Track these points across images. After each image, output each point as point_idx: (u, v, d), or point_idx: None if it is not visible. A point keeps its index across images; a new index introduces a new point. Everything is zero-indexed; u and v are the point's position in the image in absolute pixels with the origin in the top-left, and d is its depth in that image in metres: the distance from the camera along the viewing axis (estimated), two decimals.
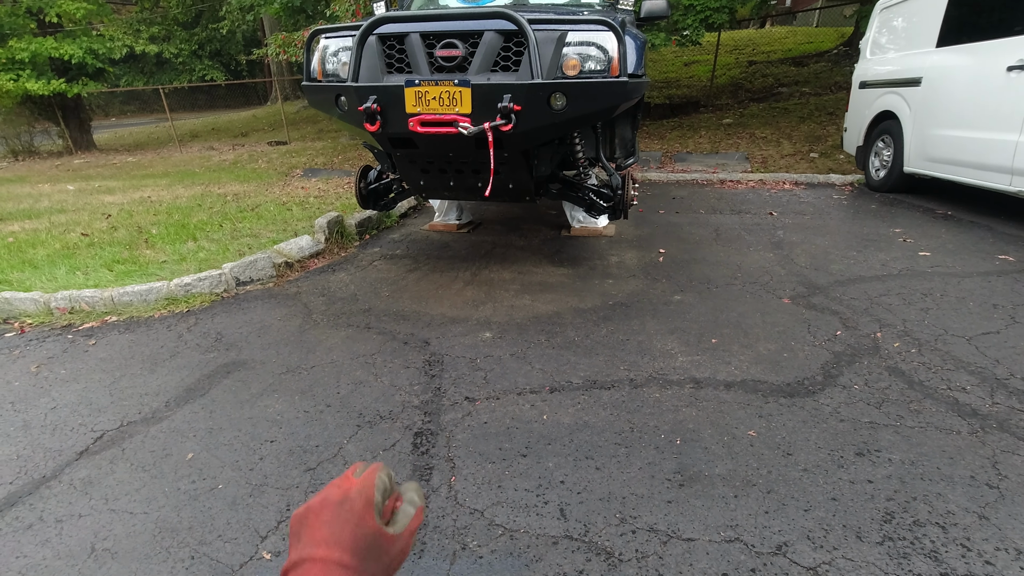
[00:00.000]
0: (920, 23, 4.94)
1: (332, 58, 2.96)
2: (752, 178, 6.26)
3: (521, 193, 3.21)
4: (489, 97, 2.55)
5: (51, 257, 4.03)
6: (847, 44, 12.75)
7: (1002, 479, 1.67)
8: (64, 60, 11.58)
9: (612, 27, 2.57)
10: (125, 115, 27.26)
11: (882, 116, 5.37)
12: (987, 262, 3.41)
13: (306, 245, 3.99)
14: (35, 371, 2.61)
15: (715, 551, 1.47)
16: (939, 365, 2.30)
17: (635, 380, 2.30)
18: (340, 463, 1.87)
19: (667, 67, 14.61)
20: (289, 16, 10.32)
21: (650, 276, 3.44)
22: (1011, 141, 3.81)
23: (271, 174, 8.01)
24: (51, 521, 1.68)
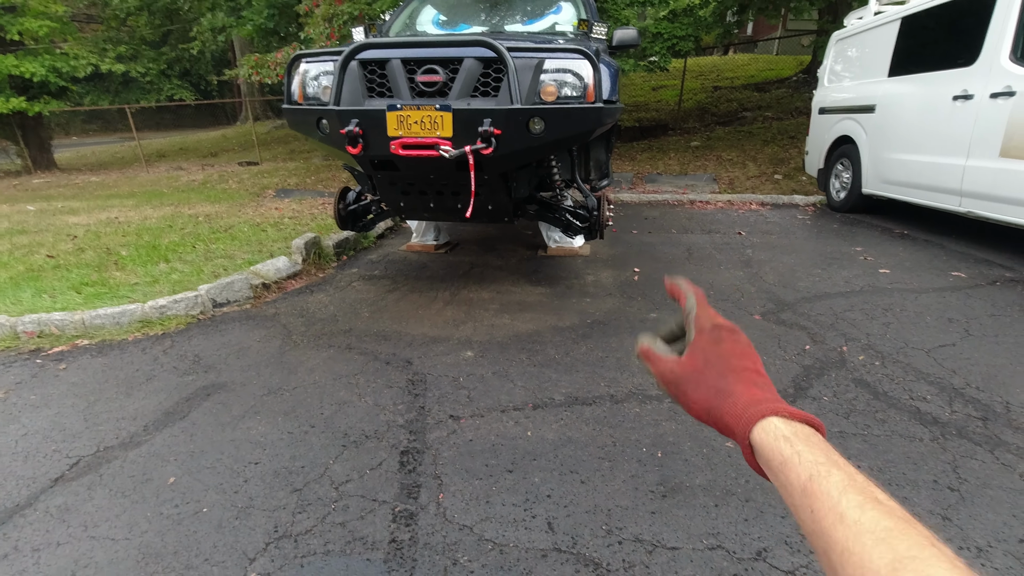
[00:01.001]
0: (873, 54, 5.25)
1: (313, 82, 3.00)
2: (720, 199, 6.48)
3: (500, 214, 3.28)
4: (469, 121, 2.62)
5: (15, 279, 3.92)
6: (806, 71, 13.36)
7: (962, 482, 1.77)
8: (25, 78, 11.32)
9: (587, 55, 2.68)
10: (87, 134, 26.63)
11: (840, 140, 5.65)
12: (941, 278, 3.61)
13: (283, 266, 3.97)
14: (3, 397, 2.53)
15: (699, 559, 1.52)
16: (901, 376, 2.42)
17: (615, 396, 2.36)
18: (327, 483, 1.87)
19: (636, 91, 15.05)
20: (262, 38, 10.34)
21: (626, 294, 3.53)
22: (959, 165, 4.06)
23: (243, 195, 7.93)
24: (27, 551, 1.63)
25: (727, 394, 0.47)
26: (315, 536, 1.64)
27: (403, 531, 1.65)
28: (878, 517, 0.34)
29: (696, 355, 0.51)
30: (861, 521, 0.34)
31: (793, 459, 0.40)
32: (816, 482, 0.38)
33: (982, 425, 2.06)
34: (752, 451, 0.44)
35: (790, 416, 0.43)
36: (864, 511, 0.34)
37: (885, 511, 0.34)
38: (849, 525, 0.34)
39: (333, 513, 1.73)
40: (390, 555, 1.57)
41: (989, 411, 2.14)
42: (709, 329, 0.52)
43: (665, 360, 0.53)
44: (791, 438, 0.41)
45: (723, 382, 0.48)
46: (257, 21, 9.77)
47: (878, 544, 0.32)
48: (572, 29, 3.95)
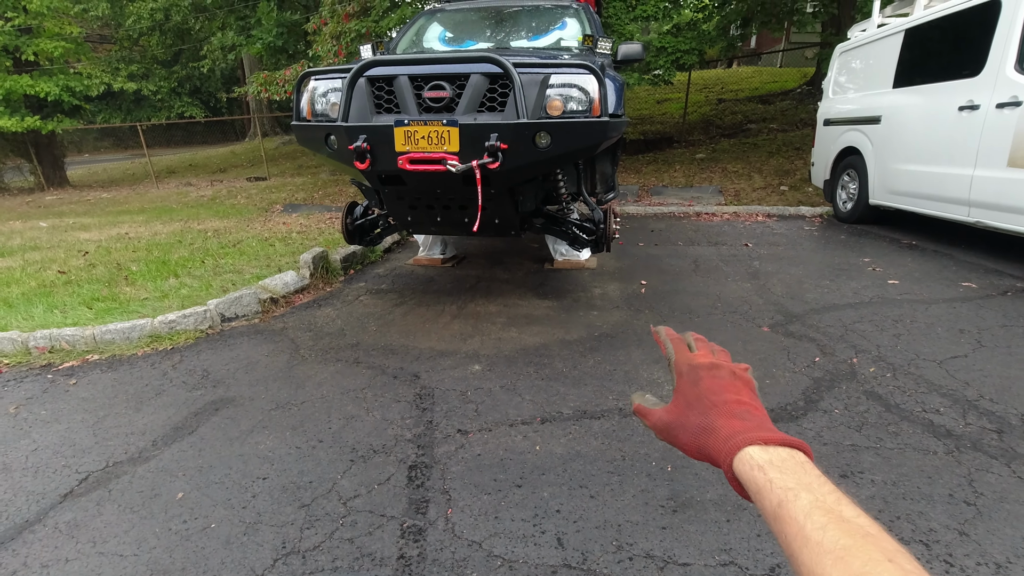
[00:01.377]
0: (877, 65, 5.26)
1: (321, 99, 3.03)
2: (726, 210, 6.47)
3: (507, 228, 3.29)
4: (476, 136, 2.64)
5: (27, 295, 3.96)
6: (810, 83, 13.41)
7: (978, 496, 1.74)
8: (39, 97, 11.53)
9: (593, 70, 2.70)
10: (99, 151, 27.04)
11: (846, 151, 5.65)
12: (952, 289, 3.58)
13: (291, 281, 3.99)
14: (14, 412, 2.54)
15: (711, 575, 1.50)
16: (913, 388, 2.40)
17: (624, 409, 2.35)
18: (335, 499, 1.86)
19: (641, 105, 15.13)
20: (271, 56, 10.50)
21: (633, 307, 3.53)
22: (966, 175, 4.04)
23: (251, 210, 8.01)
24: (36, 567, 1.63)
25: (710, 431, 0.49)
26: (323, 552, 1.63)
27: (411, 547, 1.64)
28: (838, 536, 0.35)
29: (679, 400, 0.54)
30: (822, 542, 0.35)
31: (766, 487, 0.41)
32: (784, 507, 0.39)
33: (997, 438, 2.03)
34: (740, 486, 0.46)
35: (766, 443, 0.45)
36: (826, 531, 0.36)
37: (846, 529, 0.35)
38: (812, 547, 0.36)
39: (341, 529, 1.72)
40: (399, 571, 1.55)
41: (1004, 423, 2.11)
42: (687, 372, 0.55)
43: (654, 412, 0.56)
44: (764, 466, 0.43)
45: (706, 419, 0.50)
46: (266, 39, 9.94)
47: (836, 563, 0.34)
48: (577, 44, 3.99)
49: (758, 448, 0.45)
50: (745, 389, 0.53)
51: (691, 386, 0.54)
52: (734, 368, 0.55)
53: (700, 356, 0.57)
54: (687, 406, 0.52)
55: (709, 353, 0.58)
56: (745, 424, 0.48)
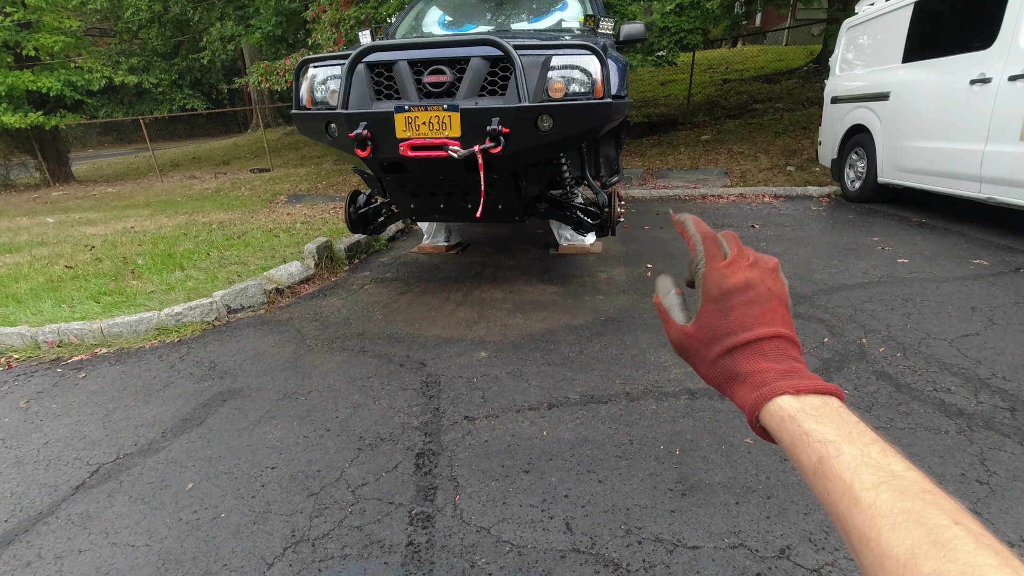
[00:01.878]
0: (885, 40, 5.16)
1: (321, 86, 3.00)
2: (732, 192, 6.40)
3: (510, 213, 3.26)
4: (478, 121, 2.61)
5: (35, 291, 3.98)
6: (816, 61, 13.18)
7: (991, 475, 1.72)
8: (42, 92, 11.53)
9: (595, 51, 2.65)
10: (103, 146, 27.08)
11: (854, 129, 5.55)
12: (963, 267, 3.53)
13: (296, 271, 3.99)
14: (24, 406, 2.57)
15: (720, 557, 1.49)
16: (924, 368, 2.37)
17: (631, 394, 2.34)
18: (343, 487, 1.87)
19: (645, 87, 14.95)
20: (270, 45, 10.43)
21: (639, 291, 3.50)
22: (978, 150, 3.97)
23: (255, 201, 8.00)
24: (50, 558, 1.65)
25: (733, 375, 0.44)
26: (332, 540, 1.64)
27: (420, 534, 1.64)
28: (894, 499, 0.32)
29: (703, 328, 0.47)
30: (876, 504, 0.32)
31: (801, 439, 0.38)
32: (827, 463, 0.36)
33: (1010, 416, 2.00)
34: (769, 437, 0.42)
35: (797, 391, 0.41)
36: (879, 492, 0.33)
37: (901, 489, 0.32)
38: (864, 509, 0.33)
39: (350, 517, 1.73)
40: (408, 558, 1.56)
41: (1017, 401, 2.09)
42: (717, 297, 0.46)
43: (674, 325, 0.49)
44: (797, 417, 0.39)
45: (729, 361, 0.45)
46: (265, 29, 9.86)
47: (895, 529, 0.31)
48: (579, 25, 3.93)
49: (789, 397, 0.41)
50: (780, 309, 0.46)
51: (720, 316, 0.46)
52: (769, 282, 0.47)
53: (733, 271, 0.47)
54: (712, 338, 0.46)
55: (743, 257, 0.48)
56: (776, 368, 0.43)
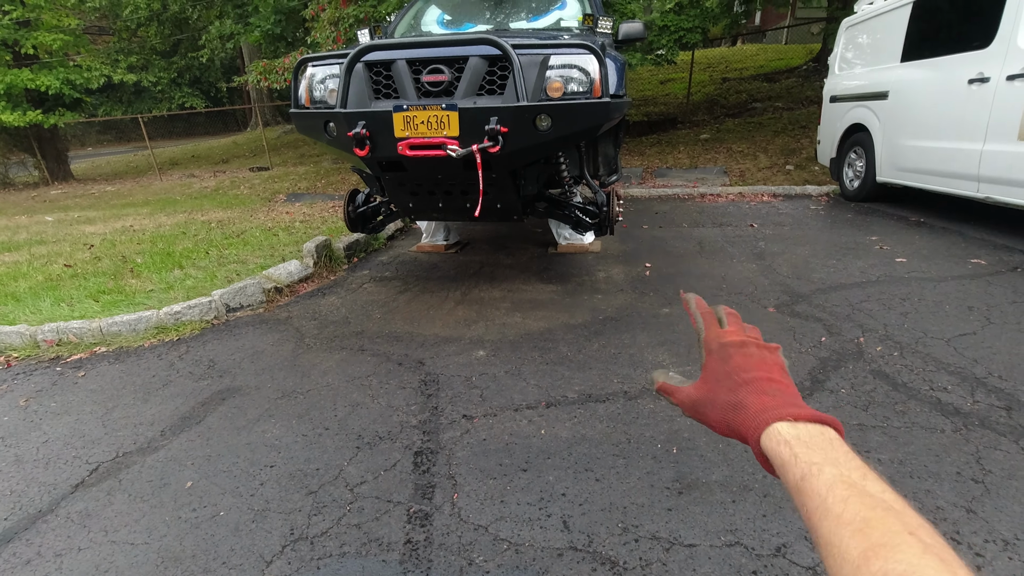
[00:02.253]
0: (884, 39, 5.16)
1: (319, 85, 3.01)
2: (731, 191, 6.41)
3: (509, 212, 3.27)
4: (476, 120, 2.61)
5: (34, 289, 3.99)
6: (816, 60, 13.19)
7: (986, 474, 1.73)
8: (40, 91, 11.52)
9: (593, 50, 2.65)
10: (102, 144, 27.05)
11: (853, 128, 5.56)
12: (960, 266, 3.54)
13: (295, 270, 3.99)
14: (24, 405, 2.57)
15: (717, 555, 1.50)
16: (921, 367, 2.38)
17: (629, 392, 2.34)
18: (341, 485, 1.87)
19: (644, 85, 14.95)
20: (269, 44, 10.42)
21: (638, 290, 3.51)
22: (976, 150, 3.97)
23: (254, 200, 8.00)
24: (50, 556, 1.66)
25: (740, 407, 0.49)
26: (331, 538, 1.65)
27: (418, 532, 1.65)
28: (858, 509, 0.35)
29: (708, 377, 0.54)
30: (842, 515, 0.35)
31: (790, 460, 0.42)
32: (807, 480, 0.39)
33: (1006, 415, 2.01)
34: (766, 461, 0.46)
35: (795, 419, 0.45)
36: (847, 504, 0.36)
37: (868, 503, 0.35)
38: (832, 519, 0.36)
39: (348, 515, 1.74)
40: (406, 556, 1.57)
41: (1013, 400, 2.09)
42: (716, 349, 0.55)
43: (681, 389, 0.56)
44: (791, 441, 0.43)
45: (735, 396, 0.50)
46: (264, 27, 9.85)
47: (855, 535, 0.33)
48: (577, 24, 3.93)
49: (786, 424, 0.45)
50: (776, 367, 0.53)
51: (720, 363, 0.53)
52: (765, 347, 0.55)
53: (730, 333, 0.56)
54: (716, 383, 0.52)
55: (740, 330, 0.57)
56: (775, 400, 0.48)
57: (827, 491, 0.37)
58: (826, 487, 0.38)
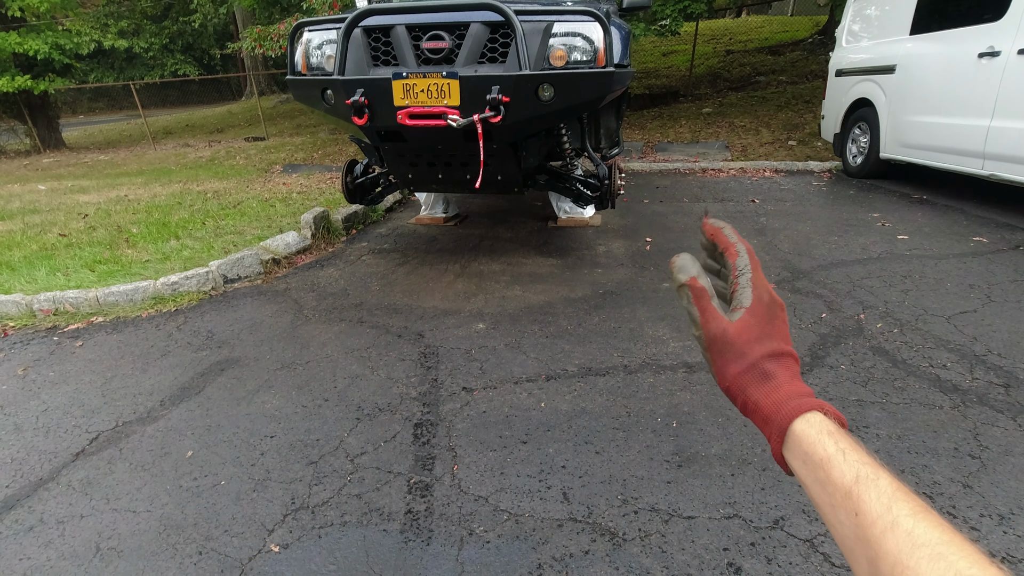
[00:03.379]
0: (893, 11, 5.05)
1: (316, 51, 2.93)
2: (733, 166, 6.35)
3: (509, 185, 3.23)
4: (477, 89, 2.55)
5: (29, 259, 3.95)
6: (822, 32, 12.94)
7: (983, 450, 1.74)
8: (29, 56, 11.24)
9: (598, 17, 2.59)
10: (94, 112, 26.59)
11: (858, 103, 5.48)
12: (962, 244, 3.52)
13: (293, 241, 3.96)
14: (22, 374, 2.56)
15: (715, 527, 1.52)
16: (920, 344, 2.38)
17: (629, 366, 2.34)
18: (342, 456, 1.88)
19: (647, 57, 14.69)
20: (263, 9, 10.16)
21: (638, 264, 3.49)
22: (983, 126, 3.92)
23: (250, 170, 7.89)
24: (52, 523, 1.67)
25: (769, 377, 0.45)
26: (332, 507, 1.66)
27: (419, 502, 1.66)
28: (931, 529, 0.32)
29: (750, 327, 0.46)
30: (915, 532, 0.32)
31: (837, 457, 0.38)
32: (863, 484, 0.36)
33: (1004, 392, 2.02)
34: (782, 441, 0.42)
35: (831, 413, 0.42)
36: (917, 521, 0.33)
37: (937, 523, 0.33)
38: (901, 535, 0.32)
39: (349, 485, 1.75)
40: (406, 526, 1.58)
41: (1011, 377, 2.10)
42: (768, 302, 0.47)
43: (718, 318, 0.47)
44: (835, 434, 0.40)
45: (768, 364, 0.45)
46: None
47: (935, 559, 0.31)
48: None
49: (821, 415, 0.42)
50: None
51: (767, 321, 0.46)
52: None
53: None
54: (758, 338, 0.45)
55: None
56: (805, 387, 0.44)
57: (890, 501, 0.34)
58: (888, 496, 0.35)
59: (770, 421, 0.43)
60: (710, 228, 0.53)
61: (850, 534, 0.36)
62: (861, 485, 0.36)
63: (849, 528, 0.36)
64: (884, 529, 0.33)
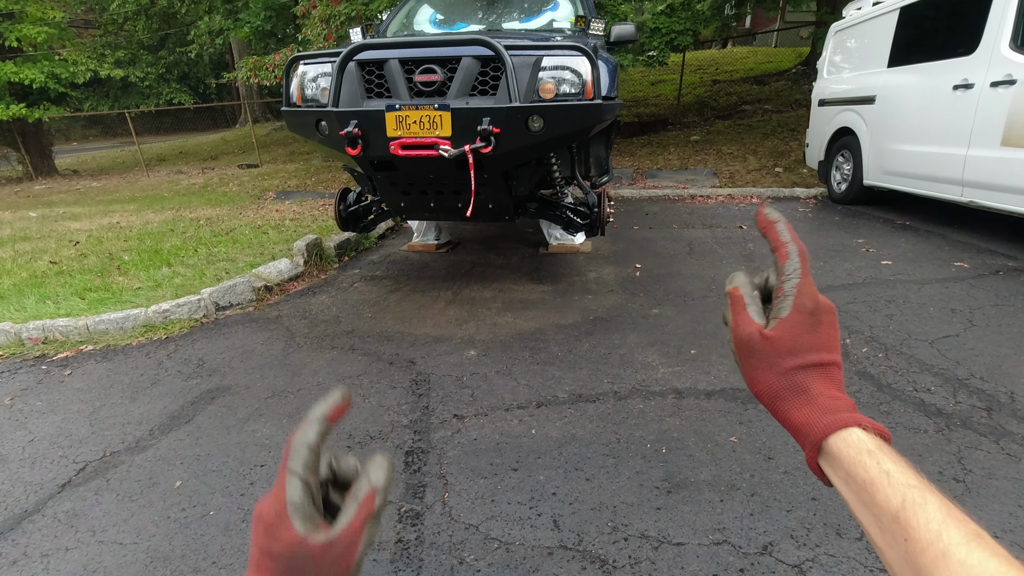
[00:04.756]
0: (872, 44, 5.23)
1: (311, 83, 3.00)
2: (721, 193, 6.46)
3: (500, 213, 3.28)
4: (468, 120, 2.62)
5: (18, 286, 3.94)
6: (805, 63, 13.31)
7: (967, 473, 1.77)
8: (24, 84, 11.34)
9: (585, 52, 2.67)
10: (87, 139, 26.70)
11: (841, 132, 5.63)
12: (944, 269, 3.60)
13: (285, 268, 3.98)
14: (9, 403, 2.54)
15: (704, 554, 1.52)
16: (905, 368, 2.42)
17: (619, 392, 2.36)
18: None
19: (635, 86, 15.01)
20: (259, 40, 10.34)
21: (628, 291, 3.53)
22: (960, 155, 4.04)
23: (244, 197, 7.94)
24: (36, 556, 1.64)
25: (803, 390, 0.44)
26: None
27: (409, 531, 1.66)
28: (985, 558, 0.31)
29: (785, 335, 0.44)
30: (968, 563, 0.31)
31: (881, 479, 0.37)
32: (911, 510, 0.35)
33: (987, 416, 2.05)
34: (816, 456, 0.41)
35: (870, 428, 0.41)
36: (971, 550, 0.32)
37: (992, 551, 0.32)
38: (953, 565, 0.31)
39: None
40: (397, 555, 1.57)
41: (994, 401, 2.14)
42: (810, 311, 0.45)
43: (751, 324, 0.46)
44: (876, 453, 0.38)
45: (804, 376, 0.44)
46: (254, 23, 9.78)
47: None
48: (570, 26, 3.94)
49: (864, 432, 0.40)
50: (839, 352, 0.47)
51: (808, 330, 0.44)
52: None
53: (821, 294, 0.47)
54: (792, 349, 0.44)
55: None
56: (845, 399, 0.43)
57: (940, 527, 0.33)
58: (937, 523, 0.33)
59: (805, 436, 0.42)
60: (764, 220, 0.50)
61: (900, 559, 0.34)
62: (908, 510, 0.35)
63: (899, 554, 0.34)
64: (936, 558, 0.32)
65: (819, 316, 0.45)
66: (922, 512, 0.34)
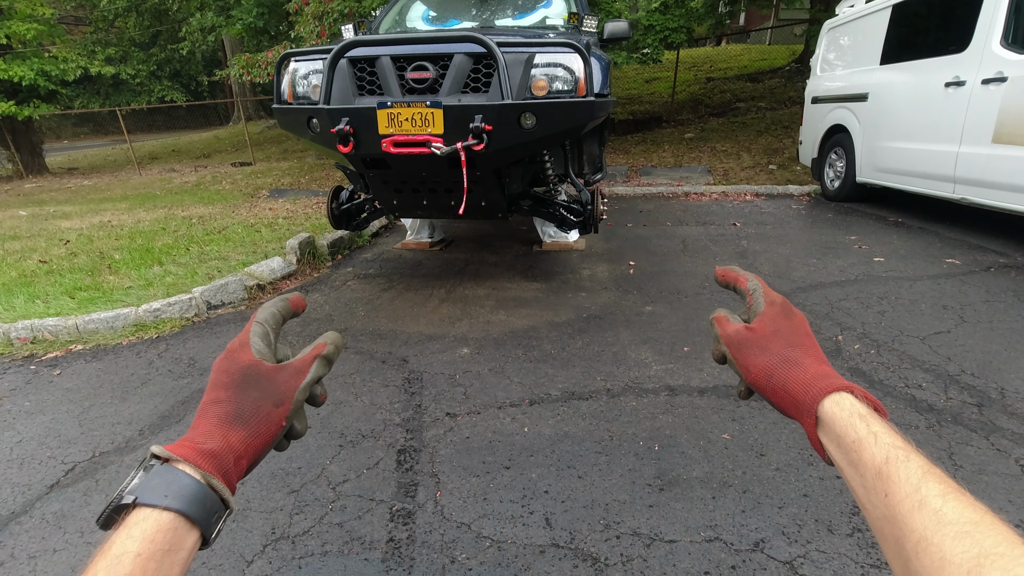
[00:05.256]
0: (865, 42, 5.24)
1: (303, 81, 2.98)
2: (715, 190, 6.47)
3: (494, 210, 3.27)
4: (461, 118, 2.60)
5: (7, 286, 3.90)
6: (799, 61, 13.34)
7: (958, 469, 1.77)
8: (14, 82, 11.23)
9: (578, 49, 2.66)
10: (78, 137, 26.51)
11: (834, 129, 5.65)
12: (936, 266, 3.61)
13: (278, 267, 3.95)
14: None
15: (696, 551, 1.52)
16: (896, 364, 2.43)
17: (612, 390, 2.36)
18: (324, 484, 1.86)
19: (629, 84, 15.02)
20: (252, 37, 10.28)
21: (621, 288, 3.53)
22: (952, 152, 4.06)
23: (236, 196, 7.90)
24: (23, 558, 1.63)
25: (795, 363, 0.47)
26: (313, 537, 1.64)
27: (401, 530, 1.65)
28: (961, 508, 0.32)
29: (766, 323, 0.52)
30: (943, 511, 0.32)
31: (868, 439, 0.38)
32: (893, 465, 0.36)
33: (977, 411, 2.06)
34: (816, 424, 0.43)
35: (862, 396, 0.43)
36: (946, 500, 0.32)
37: (968, 502, 0.32)
38: (929, 514, 0.32)
39: (330, 513, 1.73)
40: (388, 554, 1.57)
41: (984, 397, 2.15)
42: (780, 303, 0.53)
43: (734, 325, 0.54)
44: (867, 416, 0.40)
45: (791, 352, 0.49)
46: (246, 20, 9.71)
47: (961, 537, 0.30)
48: (563, 23, 3.93)
49: (852, 397, 0.42)
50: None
51: (784, 317, 0.52)
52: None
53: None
54: (775, 332, 0.50)
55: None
56: (834, 371, 0.46)
57: (920, 480, 0.34)
58: (918, 476, 0.34)
59: (800, 403, 0.44)
60: (721, 272, 0.61)
61: (881, 514, 0.35)
62: (891, 465, 0.36)
63: (880, 509, 0.35)
64: (912, 508, 0.33)
65: (789, 309, 0.53)
66: (904, 467, 0.35)
